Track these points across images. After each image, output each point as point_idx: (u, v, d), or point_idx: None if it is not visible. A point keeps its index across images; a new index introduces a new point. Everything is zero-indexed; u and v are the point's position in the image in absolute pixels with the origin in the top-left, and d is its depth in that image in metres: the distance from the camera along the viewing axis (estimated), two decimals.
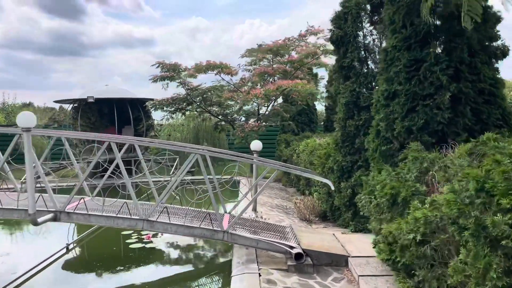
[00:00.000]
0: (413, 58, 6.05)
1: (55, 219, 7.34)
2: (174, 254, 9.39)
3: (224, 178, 9.04)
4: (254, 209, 10.25)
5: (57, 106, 33.69)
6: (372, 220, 6.00)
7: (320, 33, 16.78)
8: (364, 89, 9.08)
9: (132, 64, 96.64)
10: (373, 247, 6.31)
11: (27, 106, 43.89)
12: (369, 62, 9.59)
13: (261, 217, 9.35)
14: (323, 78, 20.43)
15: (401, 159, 6.22)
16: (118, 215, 7.36)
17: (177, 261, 8.90)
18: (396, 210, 5.36)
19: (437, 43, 6.02)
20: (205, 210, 8.55)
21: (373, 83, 9.21)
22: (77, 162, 9.05)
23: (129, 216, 7.34)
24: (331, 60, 17.60)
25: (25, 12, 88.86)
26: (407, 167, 5.68)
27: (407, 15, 6.06)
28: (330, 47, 17.18)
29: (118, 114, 19.49)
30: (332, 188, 6.99)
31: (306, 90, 16.30)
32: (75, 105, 19.59)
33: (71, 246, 9.24)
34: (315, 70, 20.43)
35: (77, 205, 7.57)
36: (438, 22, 6.07)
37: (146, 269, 8.33)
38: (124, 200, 8.08)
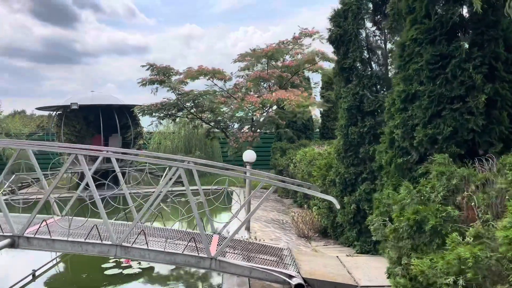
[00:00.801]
0: (438, 53, 4.99)
1: (12, 245, 6.19)
2: (157, 281, 8.24)
3: (211, 189, 7.90)
4: (247, 228, 9.11)
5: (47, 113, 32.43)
6: (389, 247, 4.89)
7: (315, 34, 15.75)
8: (368, 92, 8.02)
9: (126, 71, 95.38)
10: (387, 277, 5.21)
11: (19, 113, 42.75)
12: (372, 64, 8.55)
13: (255, 238, 8.21)
14: (318, 85, 19.40)
15: (421, 173, 5.14)
16: (87, 240, 6.20)
17: None
18: (420, 239, 4.26)
19: (466, 36, 4.95)
20: (190, 231, 7.42)
21: (378, 86, 8.16)
22: (46, 177, 7.90)
23: (100, 241, 6.19)
24: (327, 63, 16.61)
25: (18, 20, 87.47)
26: (430, 184, 4.59)
27: (431, 3, 5.00)
28: (329, 53, 16.22)
29: (105, 121, 18.36)
30: (338, 206, 5.90)
31: (302, 104, 15.19)
32: (59, 112, 18.41)
33: (38, 273, 8.02)
34: (308, 74, 19.35)
35: (38, 228, 6.41)
36: (465, 12, 5.02)
37: None
38: (95, 220, 6.94)
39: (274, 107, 17.74)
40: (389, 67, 8.72)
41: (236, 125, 17.38)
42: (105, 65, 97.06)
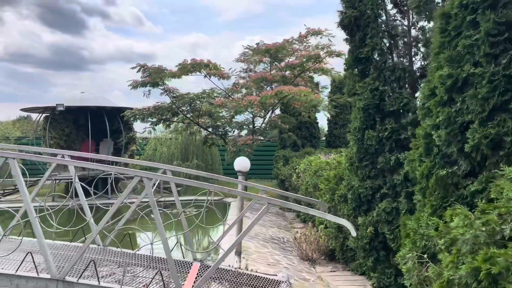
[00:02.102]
0: (503, 21, 3.41)
1: None
2: None
3: (210, 200, 6.34)
4: (238, 253, 7.50)
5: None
6: None
7: (324, 32, 14.20)
8: (390, 88, 6.44)
9: (132, 78, 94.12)
10: None
11: (25, 119, 41.81)
12: (394, 55, 6.98)
13: (246, 267, 6.58)
14: (326, 88, 17.80)
15: (475, 191, 3.55)
16: (20, 273, 4.63)
17: None
18: None
19: None
20: (161, 257, 5.84)
21: (402, 80, 6.57)
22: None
23: (36, 275, 4.61)
24: (336, 62, 15.03)
25: (27, 26, 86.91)
26: (497, 211, 2.99)
27: None
28: (336, 48, 14.67)
29: (96, 125, 16.88)
30: (354, 234, 4.30)
31: (312, 100, 13.66)
32: (46, 114, 16.96)
33: None
34: (316, 79, 17.81)
35: None
36: None
37: None
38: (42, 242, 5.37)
39: (277, 111, 16.19)
40: (414, 58, 7.16)
41: (236, 131, 15.83)
42: (111, 72, 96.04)
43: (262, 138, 22.14)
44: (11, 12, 78.53)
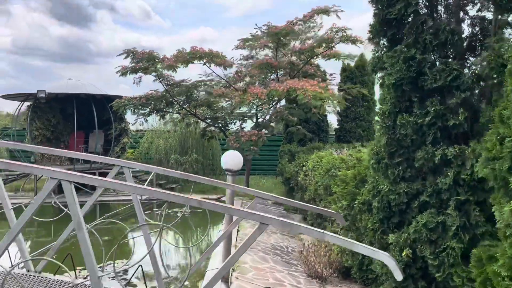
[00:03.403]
0: None
1: None
2: None
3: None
4: (225, 280, 5.75)
5: None
6: None
7: (330, 10, 12.30)
8: (433, 57, 4.65)
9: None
10: None
11: None
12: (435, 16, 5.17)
13: None
14: (334, 76, 15.90)
15: None
16: None
17: None
18: None
19: None
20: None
21: (453, 46, 4.75)
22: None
23: None
24: (350, 49, 13.19)
25: (35, 19, 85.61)
26: None
27: None
28: (351, 31, 12.80)
29: (86, 115, 15.19)
30: (399, 277, 2.56)
31: (328, 98, 11.83)
32: (30, 103, 15.31)
33: None
34: (321, 66, 15.89)
35: None
36: None
37: None
38: None
39: (283, 102, 14.39)
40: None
41: (237, 123, 14.07)
42: (118, 66, 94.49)
43: (266, 131, 20.43)
44: (20, 5, 77.33)
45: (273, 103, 13.19)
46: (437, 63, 4.63)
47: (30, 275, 4.24)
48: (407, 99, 4.63)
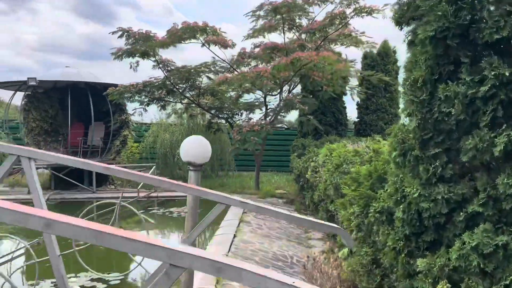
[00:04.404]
0: None
1: None
2: None
3: None
4: None
5: None
6: None
7: None
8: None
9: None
10: None
11: None
12: None
13: None
14: (354, 62, 14.18)
15: None
16: None
17: None
18: None
19: None
20: None
21: None
22: None
23: None
24: (367, 23, 11.51)
25: (61, 17, 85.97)
26: None
27: None
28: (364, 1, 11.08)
29: (85, 106, 13.94)
30: None
31: (339, 70, 10.30)
32: (27, 92, 14.16)
33: None
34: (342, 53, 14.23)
35: None
36: None
37: None
38: None
39: (297, 90, 12.84)
40: None
41: (244, 114, 12.59)
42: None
43: (283, 125, 18.88)
44: (46, 4, 77.66)
45: (282, 88, 11.64)
46: (497, 8, 3.03)
47: None
48: (452, 60, 3.06)
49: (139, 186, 12.50)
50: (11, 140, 15.56)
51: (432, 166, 3.11)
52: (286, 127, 19.61)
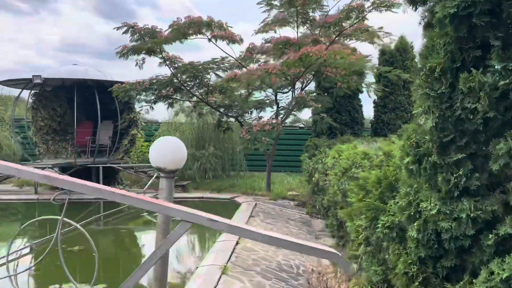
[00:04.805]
0: None
1: None
2: None
3: None
4: None
5: None
6: None
7: None
8: None
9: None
10: None
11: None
12: None
13: None
14: (370, 58, 13.45)
15: None
16: None
17: None
18: None
19: None
20: None
21: None
22: None
23: None
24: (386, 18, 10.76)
25: (83, 18, 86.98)
26: None
27: None
28: None
29: (95, 104, 13.55)
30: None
31: (351, 64, 9.69)
32: (35, 91, 13.89)
33: None
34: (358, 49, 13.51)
35: None
36: None
37: None
38: None
39: (310, 87, 12.22)
40: None
41: (254, 112, 12.03)
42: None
43: (301, 124, 18.21)
44: (68, 4, 78.57)
45: (293, 85, 11.04)
46: None
47: None
48: (478, 43, 2.44)
49: (145, 187, 12.08)
50: (20, 139, 15.38)
51: (454, 175, 2.50)
52: (303, 125, 18.94)
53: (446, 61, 2.47)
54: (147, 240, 9.11)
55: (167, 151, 2.76)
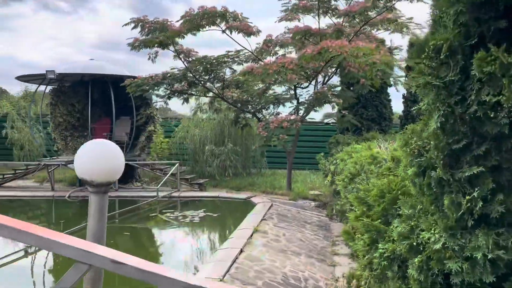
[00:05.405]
0: None
1: None
2: None
3: None
4: None
5: None
6: None
7: None
8: None
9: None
10: None
11: None
12: None
13: None
14: (400, 48, 12.48)
15: None
16: None
17: None
18: None
19: None
20: None
21: None
22: None
23: None
24: (416, 8, 9.85)
25: (118, 15, 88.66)
26: None
27: None
28: None
29: (115, 100, 13.26)
30: None
31: (374, 63, 8.87)
32: (53, 86, 13.73)
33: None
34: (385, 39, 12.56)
35: None
36: None
37: None
38: None
39: (332, 80, 11.43)
40: None
41: (271, 107, 11.36)
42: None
43: (333, 118, 17.39)
44: (105, 3, 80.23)
45: (313, 80, 10.29)
46: None
47: None
48: (501, 11, 1.71)
49: (159, 185, 11.67)
50: (44, 135, 15.37)
51: (467, 197, 1.78)
52: (334, 121, 18.09)
53: (457, 37, 1.75)
54: (161, 239, 8.70)
55: (96, 158, 2.17)
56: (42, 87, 13.80)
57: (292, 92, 10.98)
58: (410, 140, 2.01)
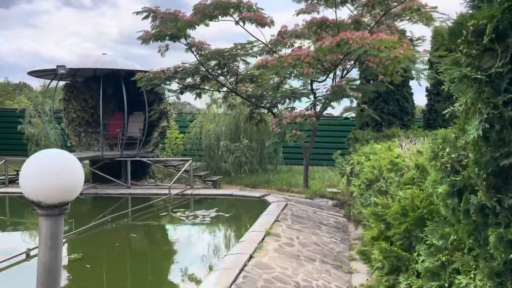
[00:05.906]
0: None
1: None
2: None
3: None
4: None
5: None
6: None
7: None
8: None
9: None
10: None
11: None
12: None
13: None
14: (423, 39, 11.74)
15: None
16: None
17: None
18: None
19: None
20: None
21: None
22: None
23: None
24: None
25: (138, 10, 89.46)
26: None
27: None
28: None
29: (128, 95, 12.96)
30: None
31: (397, 58, 8.30)
32: (66, 82, 13.53)
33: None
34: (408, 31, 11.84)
35: None
36: None
37: None
38: None
39: (351, 74, 10.86)
40: None
41: (286, 102, 10.87)
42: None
43: (353, 114, 16.77)
44: None
45: (330, 73, 9.75)
46: None
47: None
48: None
49: (171, 183, 11.34)
50: (59, 132, 15.25)
51: None
52: (354, 115, 17.48)
53: (506, 15, 1.26)
54: (167, 242, 8.34)
55: (43, 174, 1.75)
56: (55, 82, 13.59)
57: (309, 87, 10.46)
58: (440, 151, 1.52)
